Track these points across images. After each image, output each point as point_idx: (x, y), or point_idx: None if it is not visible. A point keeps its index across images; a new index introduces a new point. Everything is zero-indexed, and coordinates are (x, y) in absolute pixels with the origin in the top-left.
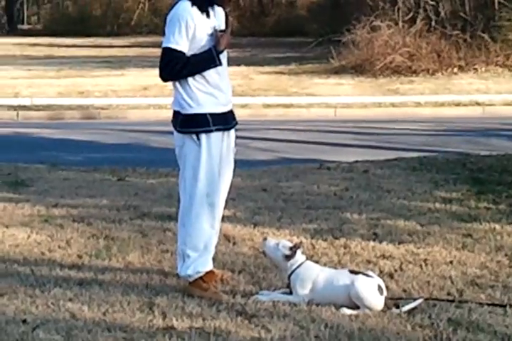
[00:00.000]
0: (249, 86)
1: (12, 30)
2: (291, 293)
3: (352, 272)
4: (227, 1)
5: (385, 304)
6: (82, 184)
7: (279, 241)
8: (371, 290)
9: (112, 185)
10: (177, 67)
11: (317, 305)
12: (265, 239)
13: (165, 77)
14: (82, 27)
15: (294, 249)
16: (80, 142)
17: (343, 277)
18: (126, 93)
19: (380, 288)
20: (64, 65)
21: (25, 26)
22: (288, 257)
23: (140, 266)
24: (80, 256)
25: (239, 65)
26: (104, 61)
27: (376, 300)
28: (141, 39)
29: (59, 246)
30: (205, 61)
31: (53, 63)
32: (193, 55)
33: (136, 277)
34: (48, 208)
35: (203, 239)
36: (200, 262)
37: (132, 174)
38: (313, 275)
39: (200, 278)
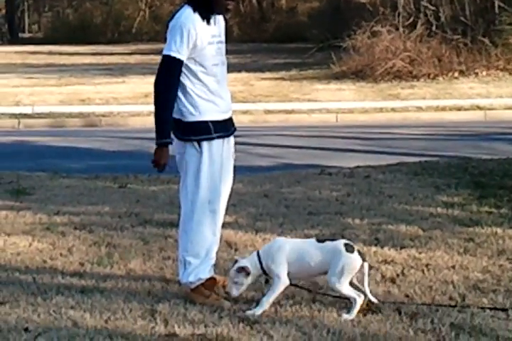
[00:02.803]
0: (251, 92)
1: (13, 39)
2: None
3: (319, 240)
4: (227, 9)
5: (361, 256)
6: (84, 191)
7: (231, 272)
8: (341, 250)
9: (114, 193)
10: (171, 81)
11: (319, 310)
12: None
13: (159, 86)
14: (82, 35)
15: (240, 270)
16: (82, 149)
17: (312, 245)
18: (128, 100)
19: (348, 245)
20: (65, 73)
21: (27, 35)
22: (247, 273)
23: (142, 273)
24: (81, 264)
25: (240, 71)
26: (105, 68)
27: (350, 258)
28: (142, 46)
29: (61, 254)
30: (160, 124)
31: (54, 71)
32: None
33: (138, 284)
34: (49, 216)
35: (204, 246)
36: (201, 269)
37: (134, 181)
38: (284, 250)
39: (202, 284)
